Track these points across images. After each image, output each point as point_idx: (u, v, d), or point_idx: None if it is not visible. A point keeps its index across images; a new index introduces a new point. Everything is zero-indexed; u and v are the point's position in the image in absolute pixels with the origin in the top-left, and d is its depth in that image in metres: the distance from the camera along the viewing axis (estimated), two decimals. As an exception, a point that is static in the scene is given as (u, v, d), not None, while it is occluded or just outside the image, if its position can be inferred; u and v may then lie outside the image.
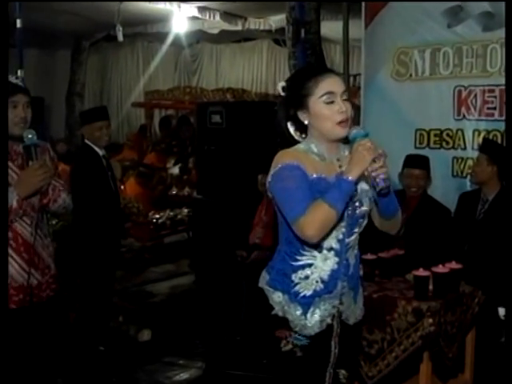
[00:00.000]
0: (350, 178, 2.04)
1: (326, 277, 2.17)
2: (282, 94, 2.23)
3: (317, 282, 2.17)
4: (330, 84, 2.14)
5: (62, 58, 11.56)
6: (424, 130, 4.64)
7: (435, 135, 4.58)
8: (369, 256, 3.43)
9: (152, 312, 5.09)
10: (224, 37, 9.76)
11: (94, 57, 11.89)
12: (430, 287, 3.10)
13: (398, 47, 4.72)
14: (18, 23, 6.11)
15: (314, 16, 6.40)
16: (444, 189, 4.42)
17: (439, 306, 3.00)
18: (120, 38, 8.11)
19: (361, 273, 2.42)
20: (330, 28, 7.31)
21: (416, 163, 4.10)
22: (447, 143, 4.53)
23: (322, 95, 2.12)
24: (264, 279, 2.25)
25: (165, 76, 11.82)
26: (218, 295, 5.03)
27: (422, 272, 3.09)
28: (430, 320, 2.94)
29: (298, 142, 2.22)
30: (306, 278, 2.17)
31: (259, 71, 11.04)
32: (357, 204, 2.17)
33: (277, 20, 8.15)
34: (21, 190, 2.49)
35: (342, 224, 2.15)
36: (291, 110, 2.19)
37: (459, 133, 4.46)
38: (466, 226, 3.89)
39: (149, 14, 8.14)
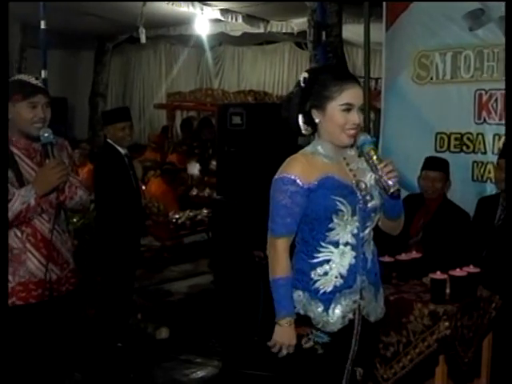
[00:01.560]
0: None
1: (344, 272, 2.22)
2: (302, 84, 2.27)
3: (336, 277, 2.21)
4: (353, 96, 2.19)
5: (85, 59, 11.69)
6: (444, 133, 4.62)
7: (455, 139, 4.56)
8: (386, 258, 3.43)
9: (170, 310, 5.15)
10: (246, 39, 9.81)
11: (117, 58, 12.02)
12: (447, 291, 3.09)
13: (419, 50, 4.71)
14: (42, 24, 6.20)
15: (335, 19, 6.43)
16: (463, 193, 4.40)
17: (456, 310, 2.99)
18: (143, 39, 8.20)
19: (378, 270, 2.43)
20: (352, 31, 7.31)
21: (434, 165, 4.09)
22: (467, 147, 4.51)
23: (343, 104, 2.18)
24: None
25: (187, 78, 11.91)
26: (236, 295, 5.05)
27: (439, 275, 3.08)
28: (446, 323, 2.93)
29: (300, 133, 2.28)
30: (325, 274, 2.22)
31: (281, 74, 11.07)
32: (367, 198, 2.23)
33: (299, 23, 8.18)
34: (38, 187, 2.52)
35: (356, 218, 2.21)
36: (307, 105, 2.23)
37: (479, 137, 4.44)
38: (485, 230, 3.87)
39: (171, 16, 8.22)
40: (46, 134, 2.56)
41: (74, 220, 4.69)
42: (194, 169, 9.00)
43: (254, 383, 3.73)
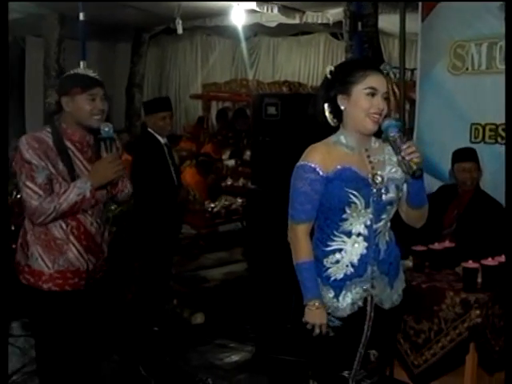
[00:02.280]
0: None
1: (355, 261, 2.29)
2: (329, 76, 2.34)
3: (347, 266, 2.30)
4: (377, 81, 2.26)
5: (122, 51, 11.83)
6: (479, 124, 4.61)
7: (490, 130, 4.55)
8: (419, 247, 3.47)
9: (205, 296, 5.24)
10: (281, 30, 9.82)
11: (154, 49, 12.13)
12: (479, 280, 3.12)
13: (455, 41, 4.70)
14: (81, 16, 6.33)
15: (371, 9, 6.42)
16: (497, 183, 4.38)
17: (487, 299, 3.02)
18: (180, 30, 8.29)
19: (395, 259, 2.48)
20: (388, 21, 7.27)
21: (467, 156, 4.09)
22: (502, 138, 4.49)
23: (367, 88, 2.24)
24: None
25: (222, 69, 11.97)
26: (270, 283, 5.13)
27: (471, 264, 3.11)
28: (478, 312, 2.96)
29: (327, 123, 2.33)
30: (337, 262, 2.30)
31: (316, 65, 11.04)
32: (383, 191, 2.28)
33: (334, 13, 8.16)
34: (94, 180, 2.58)
35: (369, 210, 2.27)
36: (332, 92, 2.30)
37: (515, 128, 4.42)
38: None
39: (208, 7, 8.27)
40: (107, 129, 2.61)
41: (112, 208, 4.80)
42: (229, 159, 9.11)
43: (286, 368, 3.79)
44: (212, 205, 6.83)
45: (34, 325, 2.76)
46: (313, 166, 2.26)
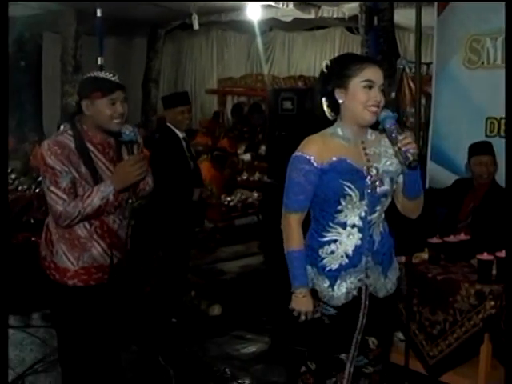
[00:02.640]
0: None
1: (350, 252, 2.35)
2: (325, 70, 2.38)
3: (342, 256, 2.35)
4: (373, 73, 2.30)
5: (138, 46, 11.92)
6: (495, 118, 4.61)
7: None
8: (435, 240, 3.51)
9: (223, 289, 5.30)
10: (297, 25, 9.84)
11: (170, 45, 12.21)
12: (494, 272, 3.16)
13: (471, 35, 4.70)
14: (99, 12, 6.39)
15: (387, 3, 6.43)
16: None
17: (501, 290, 3.05)
18: (196, 26, 8.35)
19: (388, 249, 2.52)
20: (404, 15, 7.28)
21: (484, 150, 4.11)
22: (518, 132, 4.50)
23: (364, 80, 2.28)
24: None
25: (238, 63, 12.02)
26: (285, 276, 5.18)
27: (485, 256, 3.15)
28: (492, 303, 3.01)
29: (325, 117, 2.37)
30: (332, 252, 2.35)
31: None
32: (377, 183, 2.33)
33: (350, 8, 8.17)
34: (117, 183, 2.57)
35: (364, 203, 2.32)
36: (330, 86, 2.33)
37: (531, 121, 4.43)
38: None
39: (223, 2, 8.33)
40: (127, 132, 2.61)
41: (130, 201, 4.87)
42: (245, 154, 9.16)
43: (301, 359, 3.85)
44: (228, 199, 6.89)
45: (58, 317, 2.82)
46: (308, 157, 2.30)
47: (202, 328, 4.52)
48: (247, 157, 8.99)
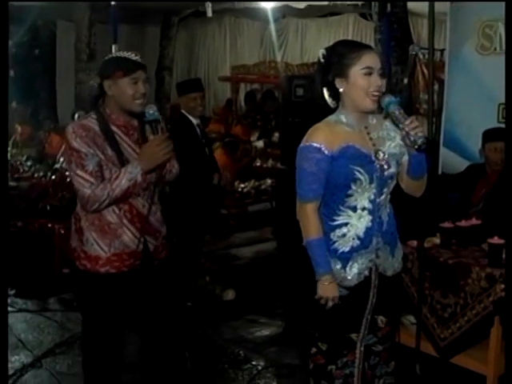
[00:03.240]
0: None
1: (361, 234, 2.40)
2: (322, 60, 2.43)
3: (353, 238, 2.40)
4: (371, 59, 2.34)
5: (151, 34, 11.95)
6: (508, 104, 4.62)
7: (518, 110, 4.56)
8: (446, 224, 3.54)
9: (236, 274, 5.37)
10: (310, 11, 9.82)
11: (183, 32, 12.24)
12: (504, 256, 3.18)
13: (483, 20, 4.70)
14: (113, 1, 6.45)
15: (400, -10, 6.43)
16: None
17: (512, 273, 3.09)
18: (209, 13, 8.37)
19: (395, 229, 2.57)
20: (417, 2, 7.26)
21: (498, 136, 4.10)
22: (531, 118, 4.50)
23: (363, 68, 2.32)
24: None
25: (251, 51, 12.03)
26: (298, 261, 5.22)
27: (496, 240, 3.18)
28: (502, 286, 3.03)
29: (328, 106, 2.41)
30: (344, 235, 2.40)
31: (344, 46, 11.02)
32: (385, 166, 2.38)
33: (363, -6, 8.17)
34: (144, 164, 2.55)
35: (373, 186, 2.37)
36: (330, 76, 2.38)
37: (543, 107, 4.43)
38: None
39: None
40: (151, 111, 2.60)
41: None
42: (258, 141, 9.20)
43: (312, 340, 3.91)
44: (242, 185, 6.95)
45: (88, 306, 2.78)
46: (318, 145, 2.33)
47: (217, 312, 4.59)
48: (260, 144, 9.02)
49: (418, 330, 3.38)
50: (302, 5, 9.09)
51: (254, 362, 3.81)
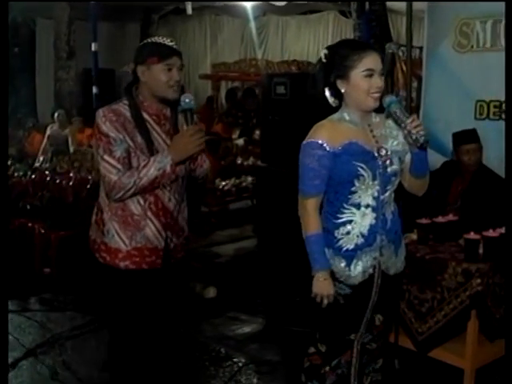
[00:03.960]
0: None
1: (365, 231, 2.42)
2: (324, 60, 2.45)
3: (357, 236, 2.42)
4: (372, 61, 2.37)
5: (131, 31, 11.92)
6: (484, 101, 4.67)
7: (495, 106, 4.61)
8: (423, 220, 3.58)
9: (218, 271, 5.36)
10: (290, 9, 9.88)
11: (163, 29, 12.19)
12: (480, 251, 3.23)
13: (461, 18, 4.74)
14: (92, -2, 6.42)
15: (378, -12, 6.47)
16: (501, 159, 4.47)
17: (488, 268, 3.13)
18: (189, 11, 8.39)
19: (399, 228, 2.60)
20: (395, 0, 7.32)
21: (469, 138, 4.12)
22: (506, 114, 4.56)
23: (364, 70, 2.35)
24: None
25: (231, 48, 12.04)
26: (279, 258, 5.25)
27: (472, 235, 3.22)
28: (479, 280, 3.08)
29: (329, 105, 2.44)
30: (348, 233, 2.42)
31: (325, 43, 11.00)
32: (387, 163, 2.42)
33: (343, -8, 8.21)
34: (175, 154, 2.45)
35: (376, 182, 2.40)
36: (331, 77, 2.41)
37: (519, 104, 4.49)
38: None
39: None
40: (187, 100, 2.49)
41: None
42: (239, 138, 9.20)
43: (295, 339, 3.93)
44: (223, 183, 6.96)
45: (110, 302, 2.72)
46: (320, 142, 2.36)
47: (198, 310, 4.58)
48: (241, 142, 9.03)
49: (396, 324, 3.42)
50: (282, 2, 9.14)
51: (235, 359, 3.82)
